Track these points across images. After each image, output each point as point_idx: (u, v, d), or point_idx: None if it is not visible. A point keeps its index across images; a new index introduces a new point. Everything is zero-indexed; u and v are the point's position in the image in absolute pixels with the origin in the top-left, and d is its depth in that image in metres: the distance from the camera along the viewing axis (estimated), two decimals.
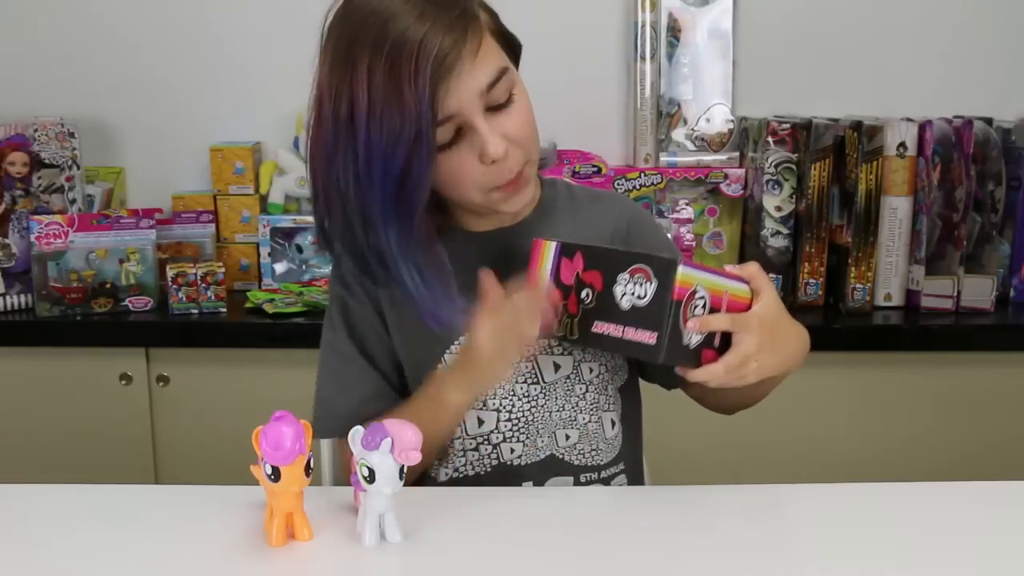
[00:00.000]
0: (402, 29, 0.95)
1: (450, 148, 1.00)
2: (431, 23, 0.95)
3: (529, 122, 1.04)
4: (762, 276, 1.02)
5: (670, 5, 2.05)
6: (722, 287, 0.98)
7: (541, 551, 0.92)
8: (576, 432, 1.14)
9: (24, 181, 1.99)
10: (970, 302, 1.89)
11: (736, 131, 2.07)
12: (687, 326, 0.95)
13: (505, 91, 1.01)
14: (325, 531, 0.94)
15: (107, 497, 1.04)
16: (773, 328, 1.00)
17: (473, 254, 1.11)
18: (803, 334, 1.07)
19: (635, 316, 0.96)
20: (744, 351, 0.97)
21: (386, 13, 0.96)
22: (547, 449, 1.14)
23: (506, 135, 1.01)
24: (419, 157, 0.96)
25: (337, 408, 1.14)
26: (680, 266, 0.94)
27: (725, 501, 1.03)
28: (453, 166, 1.01)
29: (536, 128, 1.05)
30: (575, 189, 1.21)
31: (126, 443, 1.87)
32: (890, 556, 0.91)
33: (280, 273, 2.06)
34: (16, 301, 1.90)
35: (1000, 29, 2.09)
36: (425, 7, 0.96)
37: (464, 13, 0.98)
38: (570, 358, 1.13)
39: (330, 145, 0.99)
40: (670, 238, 1.92)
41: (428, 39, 0.94)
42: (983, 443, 1.87)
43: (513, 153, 1.01)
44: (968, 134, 1.84)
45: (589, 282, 1.01)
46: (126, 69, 2.12)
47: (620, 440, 1.17)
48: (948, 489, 1.08)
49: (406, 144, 0.95)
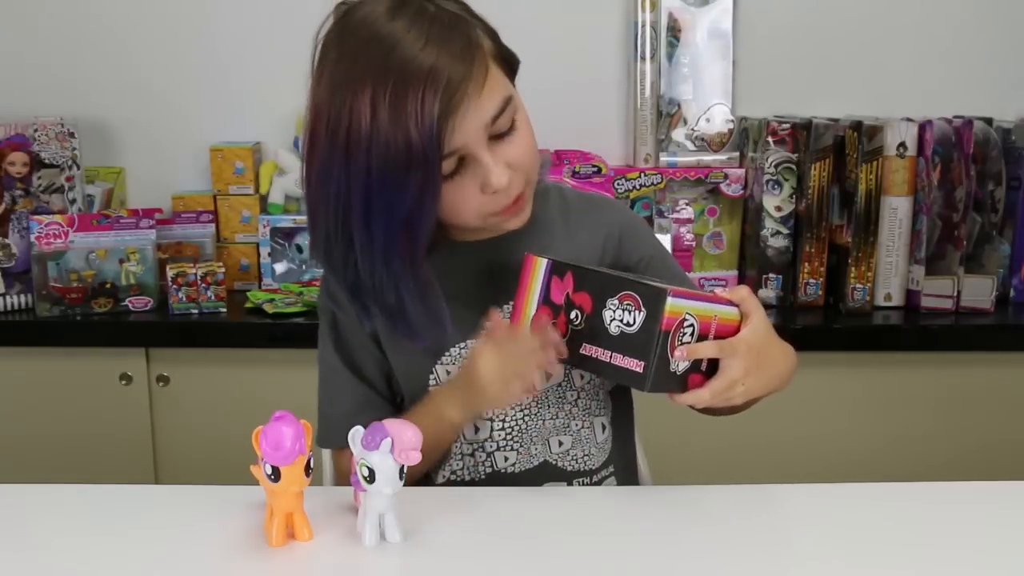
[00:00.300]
0: (408, 58, 0.92)
1: (452, 179, 0.98)
2: (437, 54, 0.92)
3: (531, 148, 1.03)
4: (751, 299, 1.02)
5: (670, 5, 2.05)
6: (711, 312, 0.99)
7: (541, 551, 0.92)
8: (569, 438, 1.14)
9: (24, 181, 1.99)
10: (970, 302, 1.89)
11: (736, 131, 2.07)
12: (675, 355, 0.96)
13: (509, 120, 0.99)
14: (325, 531, 0.94)
15: (107, 497, 1.04)
16: (760, 351, 1.01)
17: (463, 264, 1.11)
18: (790, 354, 1.09)
19: (623, 343, 0.96)
20: (731, 376, 0.98)
21: (390, 39, 0.93)
22: (540, 456, 1.14)
23: (509, 163, 0.99)
24: (427, 193, 0.95)
25: (330, 419, 1.15)
26: (669, 297, 0.93)
27: (725, 501, 1.03)
28: (455, 196, 0.99)
29: (537, 150, 1.04)
30: (568, 195, 1.20)
31: (126, 443, 1.87)
32: (890, 556, 0.91)
33: (280, 273, 2.06)
34: (16, 301, 1.90)
35: (1000, 29, 2.09)
36: (429, 34, 0.93)
37: (469, 43, 0.95)
38: (561, 366, 1.12)
39: (326, 169, 0.97)
40: (666, 243, 1.92)
41: (435, 71, 0.92)
42: (983, 443, 1.87)
43: (515, 180, 1.00)
44: (968, 134, 1.84)
45: (579, 303, 1.00)
46: (126, 69, 2.12)
47: (610, 443, 1.18)
48: (948, 489, 1.08)
49: (413, 179, 0.93)
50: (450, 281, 1.06)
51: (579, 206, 1.19)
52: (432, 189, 0.95)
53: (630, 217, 1.24)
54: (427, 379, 1.12)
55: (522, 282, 1.05)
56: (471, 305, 1.08)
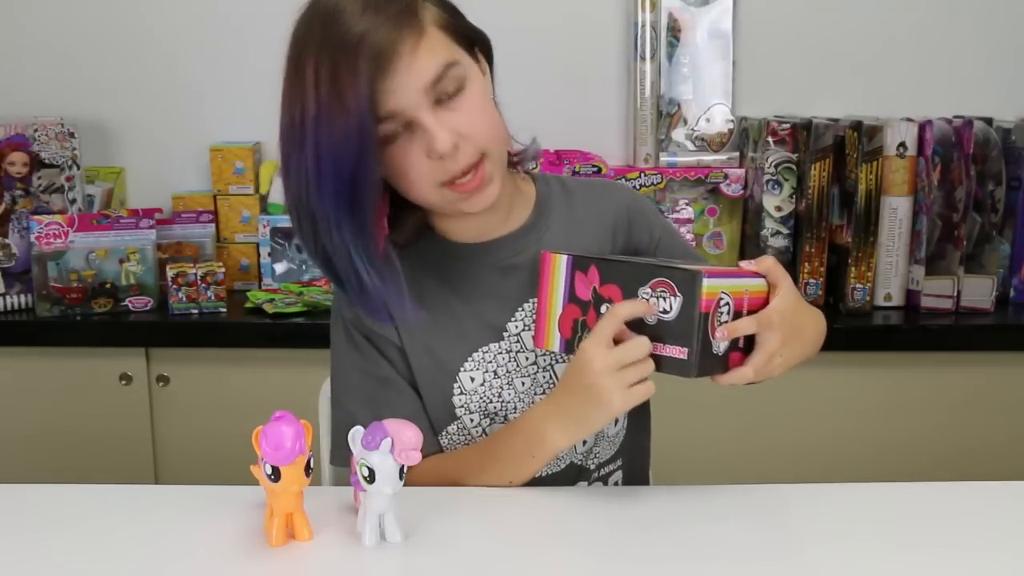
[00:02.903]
0: (345, 27, 0.94)
1: (398, 143, 0.98)
2: (371, 19, 0.94)
3: (483, 115, 1.01)
4: (777, 268, 1.02)
5: (670, 5, 2.05)
6: (742, 288, 0.98)
7: (541, 551, 0.92)
8: (592, 437, 1.14)
9: (24, 181, 1.99)
10: (970, 302, 1.88)
11: (736, 131, 2.07)
12: (716, 336, 0.95)
13: (453, 85, 0.98)
14: (325, 531, 0.94)
15: (107, 497, 1.04)
16: (793, 320, 1.01)
17: (467, 266, 1.10)
18: (820, 319, 1.11)
19: (662, 331, 0.95)
20: (769, 349, 0.98)
21: (334, 13, 0.95)
22: (567, 459, 1.13)
23: (456, 129, 0.98)
24: (364, 155, 0.95)
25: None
26: (704, 279, 0.92)
27: (725, 501, 1.03)
28: (402, 162, 0.99)
29: (496, 122, 1.03)
30: (569, 183, 1.19)
31: (126, 443, 1.87)
32: (890, 556, 0.91)
33: (280, 273, 2.06)
34: (16, 301, 1.90)
35: (1000, 29, 2.09)
36: (367, 3, 0.95)
37: (406, 8, 0.96)
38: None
39: (287, 151, 0.98)
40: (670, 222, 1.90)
41: (367, 35, 0.93)
42: (983, 443, 1.86)
43: (464, 147, 0.99)
44: (968, 134, 1.84)
45: (608, 296, 0.98)
46: (126, 69, 2.12)
47: (622, 436, 1.17)
48: (948, 489, 1.08)
49: (352, 143, 0.94)
50: (461, 284, 1.05)
51: (582, 193, 1.18)
52: (368, 151, 0.95)
53: (635, 198, 1.22)
54: (452, 388, 1.11)
55: (543, 281, 1.02)
56: (486, 308, 1.08)
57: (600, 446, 1.15)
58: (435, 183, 1.00)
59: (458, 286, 1.10)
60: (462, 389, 1.10)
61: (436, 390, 1.11)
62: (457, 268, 1.10)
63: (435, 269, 1.11)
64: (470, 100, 1.00)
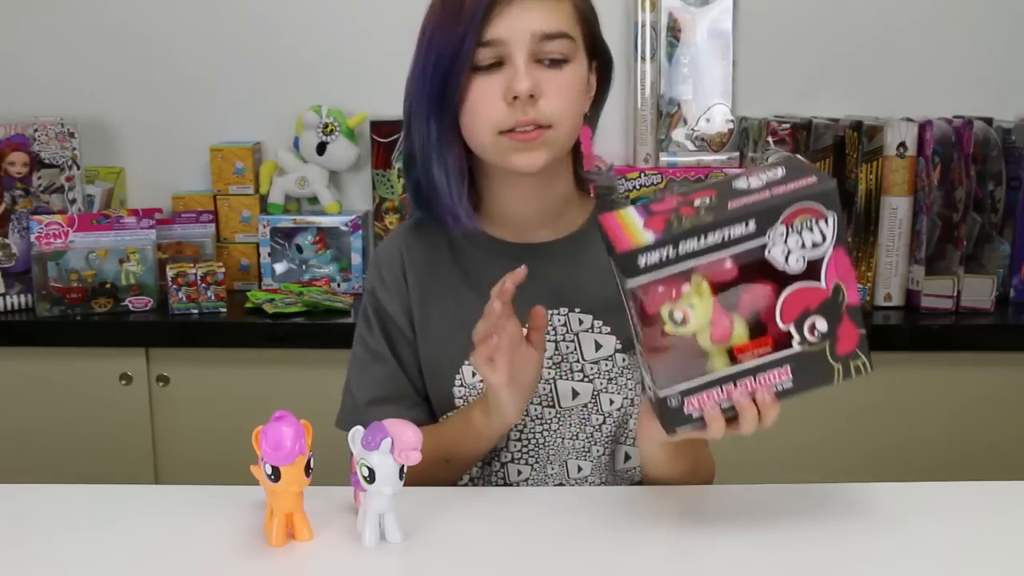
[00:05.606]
0: None
1: (484, 75, 1.02)
2: None
3: (568, 97, 1.05)
4: None
5: (670, 5, 2.05)
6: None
7: (541, 551, 0.92)
8: (589, 464, 1.13)
9: (24, 181, 1.99)
10: (970, 302, 1.88)
11: (736, 131, 2.07)
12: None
13: (559, 54, 1.03)
14: (325, 531, 0.94)
15: (107, 497, 1.04)
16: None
17: (496, 264, 1.08)
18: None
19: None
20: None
21: None
22: (557, 478, 1.13)
23: (540, 86, 1.02)
24: (459, 64, 1.01)
25: (357, 402, 1.15)
26: (833, 181, 0.81)
27: (724, 501, 1.04)
28: (478, 95, 1.03)
29: (576, 113, 1.07)
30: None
31: (126, 443, 1.87)
32: (890, 556, 0.91)
33: (280, 273, 2.06)
34: (16, 301, 1.90)
35: (1000, 29, 2.09)
36: None
37: None
38: (590, 386, 1.11)
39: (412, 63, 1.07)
40: None
41: None
42: (983, 443, 1.86)
43: (541, 105, 1.02)
44: (968, 134, 1.84)
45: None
46: (126, 69, 2.12)
47: (638, 473, 1.15)
48: (948, 489, 1.08)
49: (454, 46, 1.01)
50: (482, 282, 1.05)
51: None
52: (463, 61, 1.01)
53: None
54: (453, 379, 1.12)
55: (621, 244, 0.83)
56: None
57: (600, 478, 1.14)
58: (497, 128, 1.03)
59: (479, 284, 1.09)
60: (463, 382, 1.12)
61: (439, 379, 1.13)
62: (486, 263, 1.11)
63: (465, 264, 1.14)
64: (565, 78, 1.04)
